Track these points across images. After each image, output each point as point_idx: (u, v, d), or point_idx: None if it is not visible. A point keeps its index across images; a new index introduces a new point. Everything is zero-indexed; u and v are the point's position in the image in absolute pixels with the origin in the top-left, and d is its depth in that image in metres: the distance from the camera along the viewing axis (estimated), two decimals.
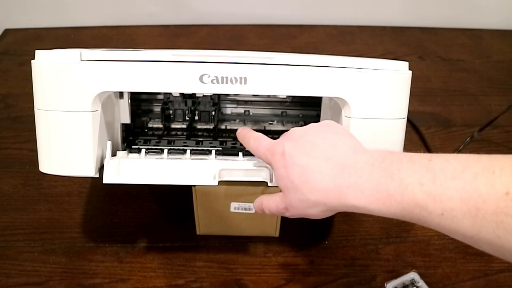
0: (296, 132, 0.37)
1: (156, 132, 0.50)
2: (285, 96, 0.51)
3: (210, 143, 0.47)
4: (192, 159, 0.43)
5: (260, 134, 0.40)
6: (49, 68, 0.39)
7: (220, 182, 0.40)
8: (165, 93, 0.49)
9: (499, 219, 0.26)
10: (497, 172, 0.27)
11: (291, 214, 0.37)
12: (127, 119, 0.46)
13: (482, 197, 0.27)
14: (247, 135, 0.41)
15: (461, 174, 0.28)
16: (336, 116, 0.44)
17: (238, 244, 0.49)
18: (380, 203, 0.31)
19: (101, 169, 0.41)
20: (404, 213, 0.30)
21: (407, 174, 0.30)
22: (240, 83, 0.39)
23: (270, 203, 0.38)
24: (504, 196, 0.26)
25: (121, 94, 0.46)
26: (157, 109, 0.50)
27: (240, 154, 0.44)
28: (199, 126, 0.51)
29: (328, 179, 0.33)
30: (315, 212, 0.35)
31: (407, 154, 0.32)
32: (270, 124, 0.52)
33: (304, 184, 0.34)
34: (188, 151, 0.44)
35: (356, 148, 0.35)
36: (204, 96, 0.48)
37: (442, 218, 0.28)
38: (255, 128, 0.51)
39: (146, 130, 0.50)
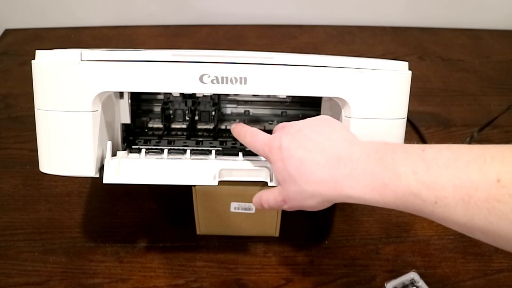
0: (293, 126, 0.38)
1: (156, 132, 0.50)
2: (285, 96, 0.51)
3: (210, 143, 0.47)
4: (192, 159, 0.43)
5: (255, 129, 0.41)
6: (49, 68, 0.39)
7: (220, 182, 0.40)
8: (165, 93, 0.49)
9: (491, 206, 0.27)
10: (488, 160, 0.28)
11: (289, 206, 0.37)
12: (127, 119, 0.46)
13: (474, 185, 0.27)
14: (242, 130, 0.41)
15: (453, 163, 0.29)
16: (336, 116, 0.44)
17: (238, 244, 0.49)
18: (375, 192, 0.31)
19: (101, 169, 0.41)
20: (399, 202, 0.31)
21: (401, 164, 0.31)
22: (240, 83, 0.39)
23: (268, 197, 0.39)
24: (495, 183, 0.27)
25: (121, 94, 0.46)
26: (157, 109, 0.50)
27: (240, 154, 0.44)
28: (199, 126, 0.51)
29: (324, 170, 0.34)
30: (313, 204, 0.36)
31: (401, 145, 0.33)
32: (270, 124, 0.52)
33: (302, 175, 0.35)
34: (188, 151, 0.44)
35: (352, 140, 0.36)
36: (204, 96, 0.48)
37: (436, 206, 0.29)
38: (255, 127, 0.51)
39: (146, 130, 0.50)
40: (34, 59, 0.40)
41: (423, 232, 0.52)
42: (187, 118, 0.50)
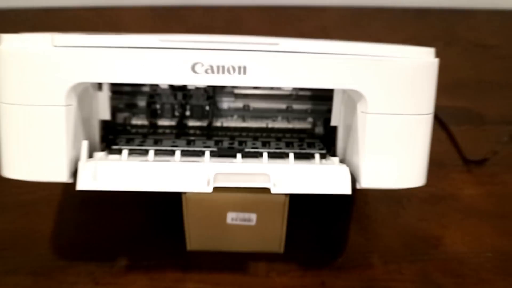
0: None
1: (140, 130, 0.50)
2: (290, 89, 0.51)
3: (204, 143, 0.47)
4: (182, 161, 0.43)
5: None
6: (16, 55, 0.39)
7: (215, 189, 0.40)
8: (151, 85, 0.49)
9: None
10: None
11: None
12: (106, 115, 0.47)
13: None
14: None
15: None
16: (351, 111, 0.44)
17: (236, 261, 0.50)
18: None
19: (75, 173, 0.41)
20: None
21: None
22: (239, 73, 0.39)
23: None
24: None
25: (99, 86, 0.46)
26: (142, 103, 0.51)
27: (239, 155, 0.44)
28: (190, 123, 0.51)
29: None
30: None
31: None
32: (273, 121, 0.52)
33: None
34: (178, 152, 0.44)
35: None
36: (196, 88, 0.49)
37: None
38: (256, 125, 0.51)
39: (128, 128, 0.50)
40: None
41: (454, 248, 0.52)
42: (176, 114, 0.50)
